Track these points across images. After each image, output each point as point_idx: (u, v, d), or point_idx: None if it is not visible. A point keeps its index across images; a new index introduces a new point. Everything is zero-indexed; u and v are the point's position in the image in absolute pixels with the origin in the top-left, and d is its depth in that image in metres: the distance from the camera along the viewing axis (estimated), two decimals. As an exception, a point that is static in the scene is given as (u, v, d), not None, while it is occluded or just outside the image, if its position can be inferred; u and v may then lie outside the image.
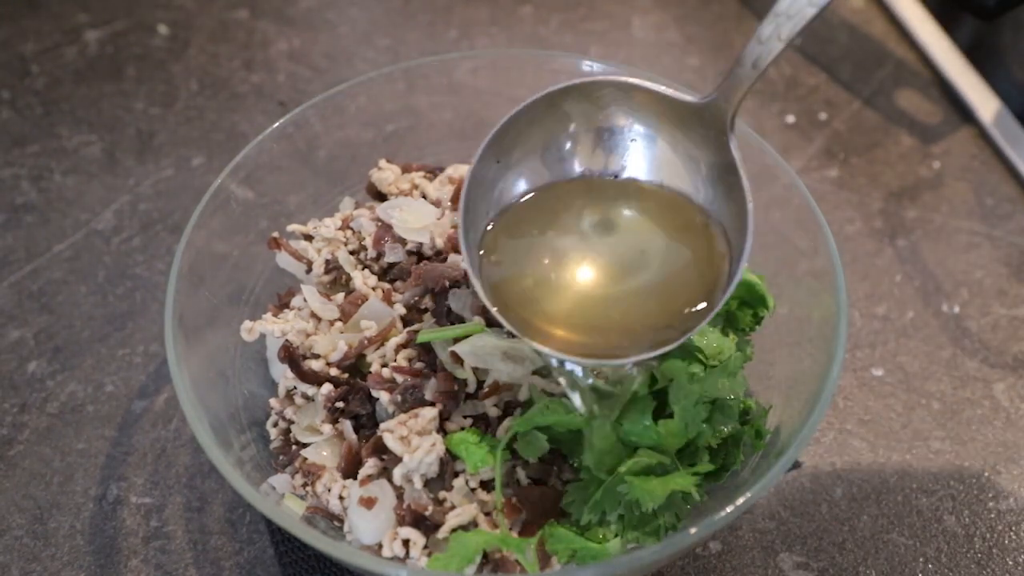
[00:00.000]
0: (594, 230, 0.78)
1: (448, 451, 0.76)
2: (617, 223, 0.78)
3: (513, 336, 0.74)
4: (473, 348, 0.77)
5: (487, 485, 0.77)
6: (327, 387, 0.79)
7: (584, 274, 0.75)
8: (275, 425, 0.85)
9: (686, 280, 0.74)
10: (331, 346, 0.81)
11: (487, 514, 0.76)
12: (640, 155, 0.79)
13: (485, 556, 0.74)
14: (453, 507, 0.76)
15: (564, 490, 0.77)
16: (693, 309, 0.72)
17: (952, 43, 1.34)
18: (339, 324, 0.83)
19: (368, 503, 0.74)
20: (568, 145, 0.79)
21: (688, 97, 0.74)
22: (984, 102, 1.26)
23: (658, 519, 0.73)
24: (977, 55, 1.33)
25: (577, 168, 0.80)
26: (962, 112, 1.27)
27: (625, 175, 0.80)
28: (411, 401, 0.77)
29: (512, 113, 0.76)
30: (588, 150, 0.79)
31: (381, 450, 0.76)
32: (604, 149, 0.79)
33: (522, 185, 0.79)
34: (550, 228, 0.78)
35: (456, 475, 0.77)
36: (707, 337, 0.78)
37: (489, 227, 0.78)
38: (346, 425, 0.79)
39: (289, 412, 0.83)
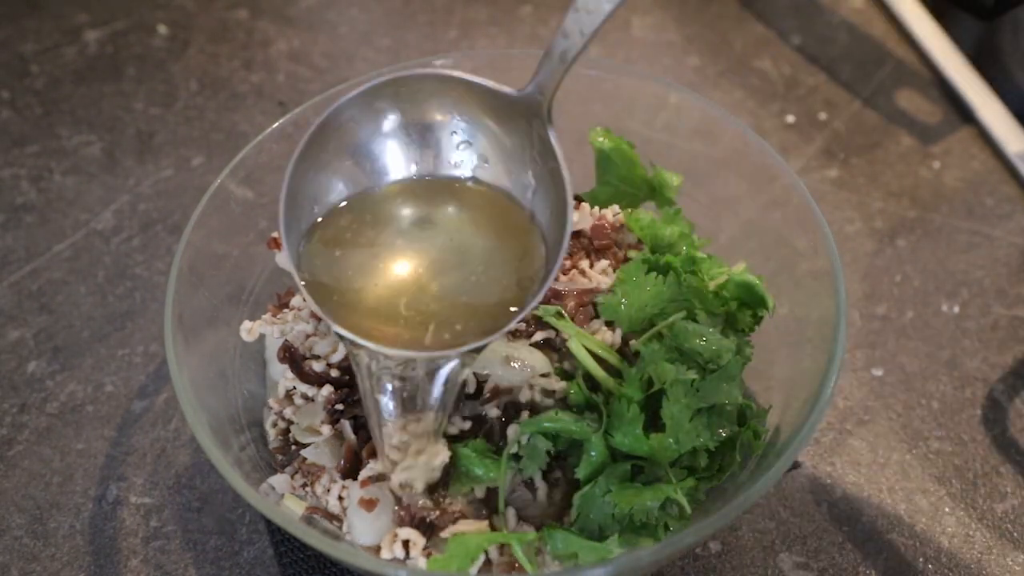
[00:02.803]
0: (415, 229, 0.77)
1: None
2: (437, 221, 0.77)
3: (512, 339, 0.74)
4: None
5: (492, 492, 0.77)
6: (327, 389, 0.79)
7: (400, 270, 0.75)
8: (274, 425, 0.85)
9: (503, 280, 0.74)
10: (332, 347, 0.81)
11: (489, 519, 0.77)
12: (462, 152, 0.78)
13: (488, 558, 0.74)
14: (456, 511, 0.76)
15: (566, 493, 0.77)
16: (509, 309, 0.72)
17: (952, 43, 1.34)
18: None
19: (369, 505, 0.74)
20: (388, 144, 0.78)
21: (506, 89, 0.73)
22: (984, 102, 1.26)
23: (655, 523, 0.73)
24: (977, 55, 1.33)
25: (399, 167, 0.79)
26: (962, 112, 1.27)
27: (447, 173, 0.79)
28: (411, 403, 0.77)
29: (327, 113, 0.74)
30: (409, 149, 0.78)
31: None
32: (426, 147, 0.78)
33: (342, 186, 0.78)
34: (372, 228, 0.77)
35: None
36: (705, 340, 0.77)
37: (314, 223, 0.77)
38: (345, 426, 0.79)
39: (288, 412, 0.82)
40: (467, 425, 0.78)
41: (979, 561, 0.86)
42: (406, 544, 0.73)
